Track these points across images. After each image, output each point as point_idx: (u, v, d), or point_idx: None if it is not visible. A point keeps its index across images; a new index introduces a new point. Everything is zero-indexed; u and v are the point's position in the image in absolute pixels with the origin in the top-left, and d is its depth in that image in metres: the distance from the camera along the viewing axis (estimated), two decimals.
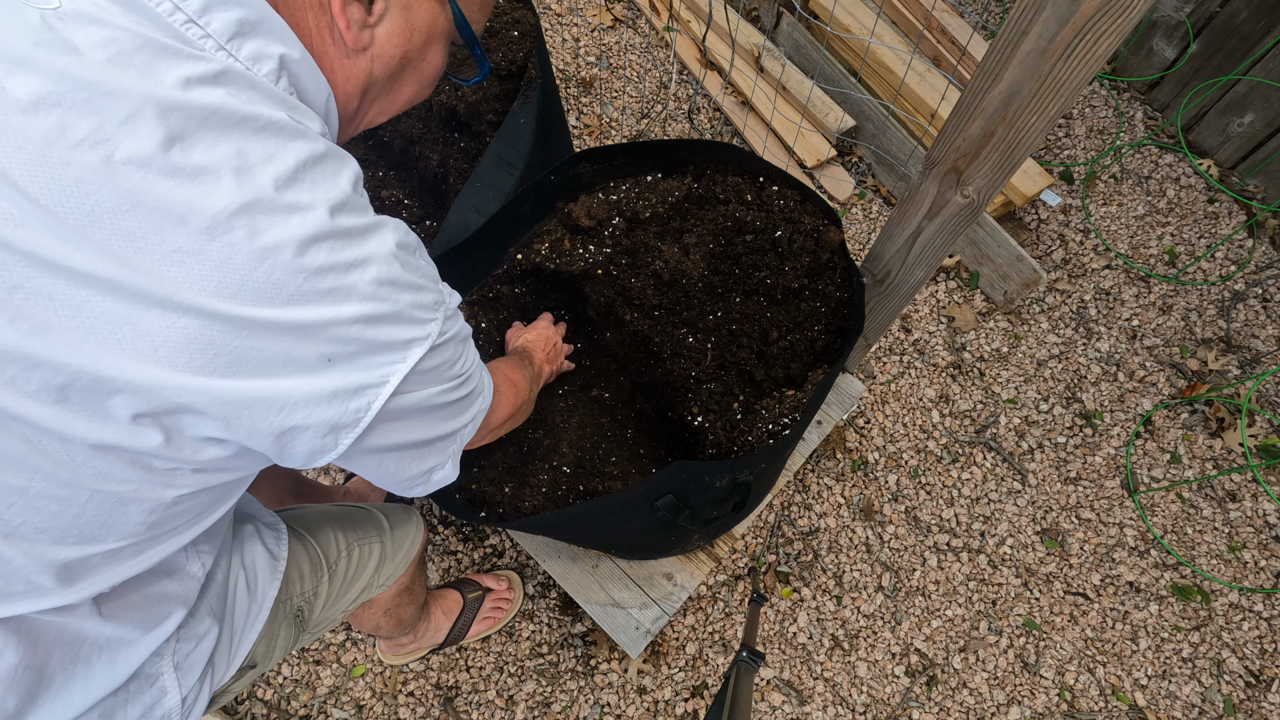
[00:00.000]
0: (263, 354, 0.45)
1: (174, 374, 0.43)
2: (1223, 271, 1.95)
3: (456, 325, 0.58)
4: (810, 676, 1.52)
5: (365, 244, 0.48)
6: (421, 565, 1.15)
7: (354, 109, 0.59)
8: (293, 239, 0.44)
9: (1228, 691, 1.53)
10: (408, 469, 0.61)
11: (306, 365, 0.47)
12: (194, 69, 0.43)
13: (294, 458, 0.51)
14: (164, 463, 0.48)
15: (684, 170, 1.19)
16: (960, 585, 1.62)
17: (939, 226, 0.95)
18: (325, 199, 0.46)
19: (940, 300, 1.91)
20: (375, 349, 0.49)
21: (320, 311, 0.46)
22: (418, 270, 0.53)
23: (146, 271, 0.41)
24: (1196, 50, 2.00)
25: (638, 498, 0.92)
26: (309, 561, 0.84)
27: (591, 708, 1.47)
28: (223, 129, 0.43)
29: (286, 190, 0.44)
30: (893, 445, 1.75)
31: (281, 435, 0.48)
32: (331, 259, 0.46)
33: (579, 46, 2.22)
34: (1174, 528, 1.68)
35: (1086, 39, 0.64)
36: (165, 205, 0.41)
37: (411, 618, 1.22)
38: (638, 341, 1.21)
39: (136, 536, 0.51)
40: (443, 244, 1.11)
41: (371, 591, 0.98)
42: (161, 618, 0.60)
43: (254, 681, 0.78)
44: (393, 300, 0.49)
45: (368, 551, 0.94)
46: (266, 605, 0.75)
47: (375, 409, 0.51)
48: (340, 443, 0.51)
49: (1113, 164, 2.11)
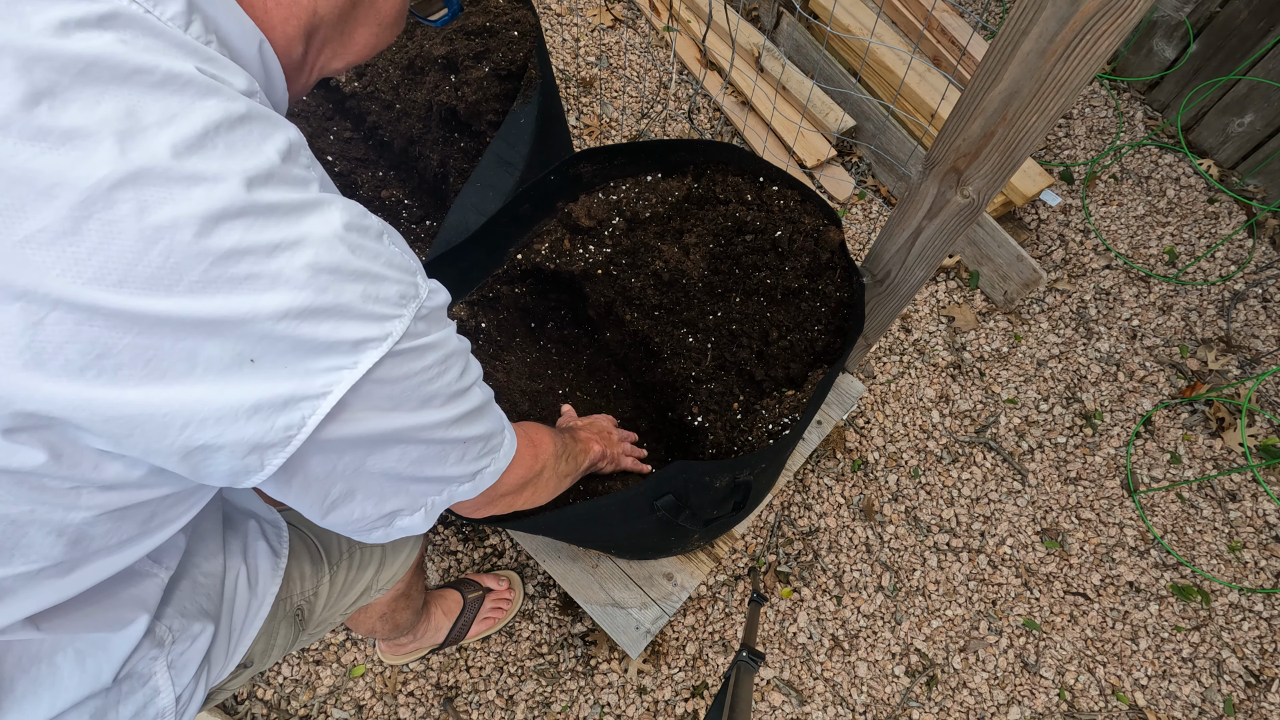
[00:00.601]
0: (160, 354, 0.38)
1: (44, 381, 0.36)
2: (1223, 271, 1.95)
3: (439, 331, 0.49)
4: (810, 676, 1.52)
5: (297, 224, 0.40)
6: (419, 571, 1.15)
7: (299, 56, 0.51)
8: (194, 215, 0.37)
9: (1228, 691, 1.53)
10: (361, 508, 0.52)
11: (220, 368, 0.39)
12: (72, 10, 0.36)
13: (213, 478, 0.43)
14: (59, 482, 0.40)
15: (684, 170, 1.19)
16: (960, 585, 1.62)
17: (939, 226, 0.95)
18: (240, 169, 0.39)
19: (940, 300, 1.91)
20: (312, 350, 0.41)
21: (234, 302, 0.38)
22: (377, 257, 0.44)
23: (4, 257, 0.34)
24: (1196, 50, 2.00)
25: (638, 498, 0.92)
26: (310, 560, 0.83)
27: (591, 708, 1.47)
28: (106, 84, 0.36)
29: (189, 158, 0.37)
30: (893, 445, 1.75)
31: (189, 455, 0.41)
32: (247, 240, 0.38)
33: (579, 46, 2.22)
34: (1174, 528, 1.68)
35: (1086, 39, 0.64)
36: (26, 176, 0.34)
37: (408, 621, 1.22)
38: (638, 341, 1.21)
39: (54, 559, 0.44)
40: (443, 244, 1.11)
41: (370, 595, 0.98)
42: (126, 622, 0.56)
43: (251, 680, 0.77)
44: (335, 291, 0.41)
45: (369, 554, 0.94)
46: (267, 603, 0.75)
47: (312, 424, 0.42)
48: (267, 463, 0.43)
49: (1113, 164, 2.11)
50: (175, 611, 0.62)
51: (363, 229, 0.45)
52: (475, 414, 0.55)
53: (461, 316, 1.18)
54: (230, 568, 0.71)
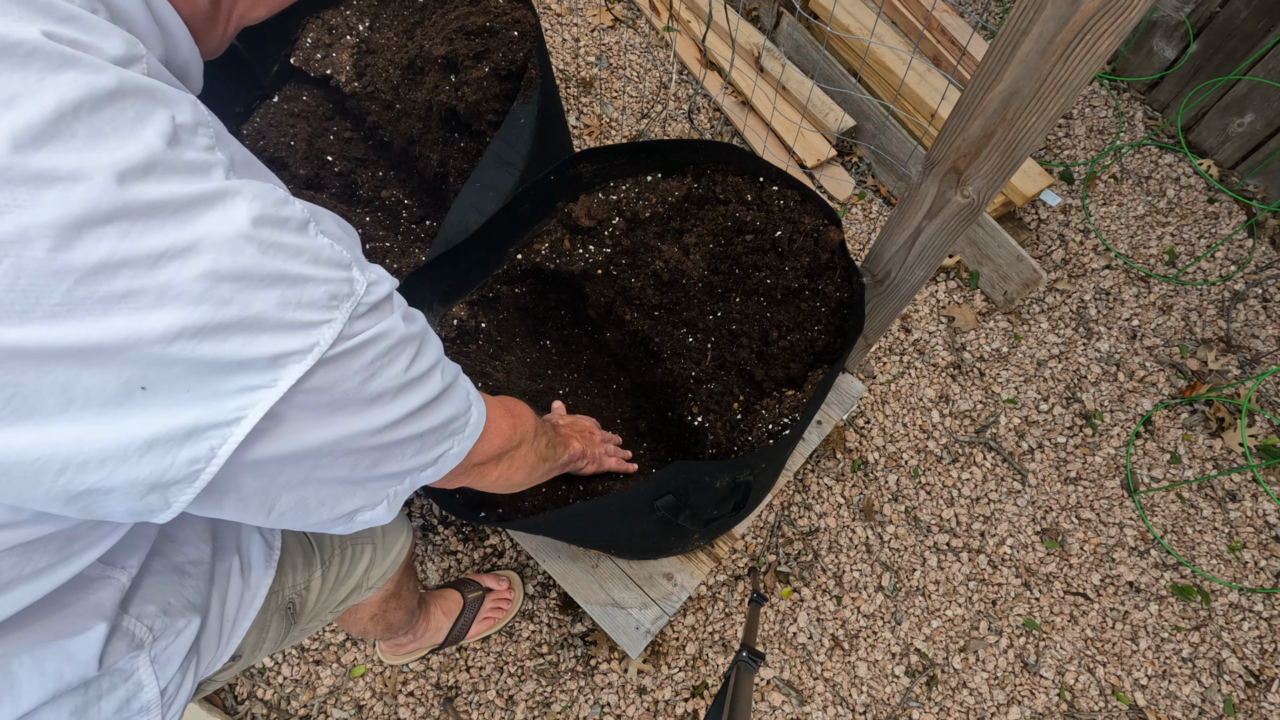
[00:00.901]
0: (23, 391, 0.31)
1: None
2: (1223, 271, 1.95)
3: (382, 323, 0.43)
4: (810, 676, 1.52)
5: (190, 224, 0.34)
6: (409, 572, 1.14)
7: (207, 4, 0.44)
8: (47, 225, 0.30)
9: (1228, 691, 1.53)
10: (316, 514, 0.47)
11: (103, 401, 0.33)
12: None
13: (111, 518, 0.38)
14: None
15: (684, 170, 1.19)
16: (960, 585, 1.62)
17: (939, 226, 0.95)
18: (109, 161, 0.31)
19: (940, 300, 1.91)
20: (218, 371, 0.35)
21: (111, 326, 0.32)
22: (298, 255, 0.38)
23: None
24: (1196, 50, 2.00)
25: (638, 498, 0.92)
26: (302, 554, 0.83)
27: (591, 708, 1.47)
28: None
29: (35, 152, 0.30)
30: (893, 445, 1.75)
31: (73, 500, 0.35)
32: (123, 249, 0.32)
33: (579, 46, 2.22)
34: (1174, 528, 1.68)
35: (1086, 39, 0.64)
36: None
37: (401, 622, 1.21)
38: (638, 341, 1.21)
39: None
40: (443, 244, 1.11)
41: (362, 593, 0.98)
42: (83, 629, 0.53)
43: (239, 674, 0.76)
44: (242, 302, 0.35)
45: (360, 551, 0.93)
46: (261, 594, 0.74)
47: (224, 454, 0.37)
48: (173, 502, 0.37)
49: (1113, 164, 2.11)
50: (157, 609, 0.61)
51: (279, 222, 0.38)
52: (434, 404, 0.48)
53: (461, 316, 1.18)
54: (222, 557, 0.70)
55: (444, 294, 1.16)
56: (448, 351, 1.14)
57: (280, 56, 1.45)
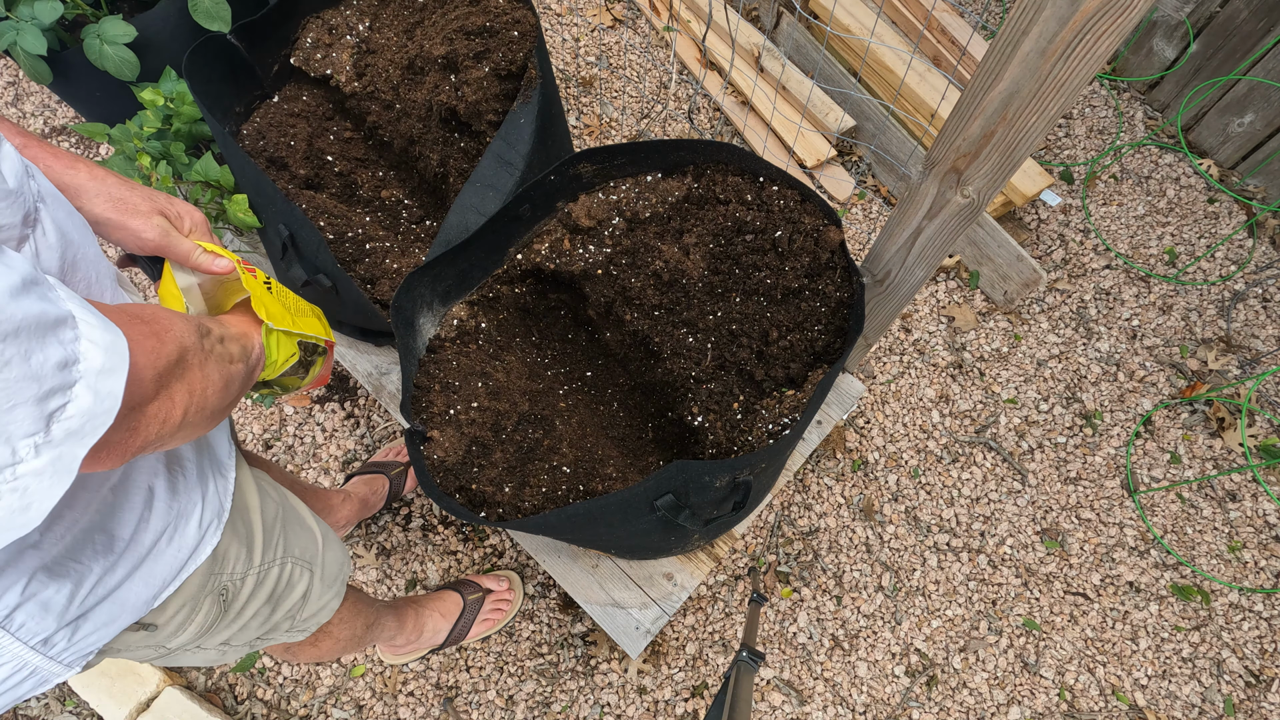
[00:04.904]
0: None
1: None
2: (1223, 271, 1.95)
3: None
4: (810, 676, 1.52)
5: None
6: (358, 599, 1.10)
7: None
8: None
9: (1228, 691, 1.53)
10: None
11: None
12: None
13: None
14: None
15: (684, 170, 1.19)
16: (960, 585, 1.62)
17: (939, 226, 0.95)
18: None
19: (940, 300, 1.91)
20: None
21: None
22: None
23: None
24: (1196, 50, 2.00)
25: (638, 498, 0.92)
26: (245, 545, 0.77)
27: (591, 708, 1.47)
28: None
29: None
30: (893, 445, 1.75)
31: None
32: None
33: (579, 46, 2.22)
34: (1174, 528, 1.68)
35: (1086, 39, 0.64)
36: None
37: (360, 634, 1.15)
38: (638, 341, 1.22)
39: None
40: (442, 244, 1.11)
41: (293, 634, 0.91)
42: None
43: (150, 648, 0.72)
44: None
45: (299, 574, 0.87)
46: (203, 552, 0.68)
47: None
48: None
49: (1113, 164, 2.11)
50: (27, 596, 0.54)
51: None
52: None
53: (461, 316, 1.18)
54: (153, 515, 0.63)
55: (444, 294, 1.16)
56: (448, 351, 1.14)
57: (280, 56, 1.45)
